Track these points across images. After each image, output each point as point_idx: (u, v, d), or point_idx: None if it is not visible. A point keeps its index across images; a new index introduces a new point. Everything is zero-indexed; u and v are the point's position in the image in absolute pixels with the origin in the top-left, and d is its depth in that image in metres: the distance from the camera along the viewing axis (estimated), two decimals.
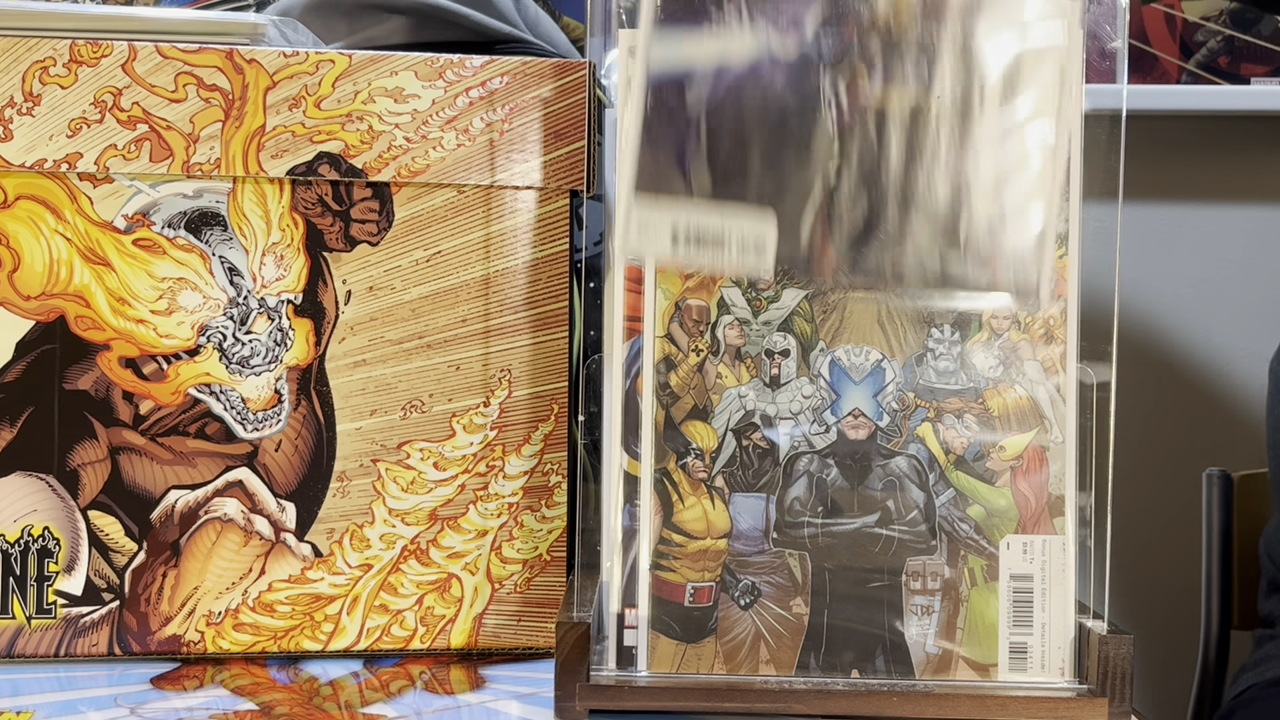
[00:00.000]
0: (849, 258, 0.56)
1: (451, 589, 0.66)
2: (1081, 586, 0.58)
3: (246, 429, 0.64)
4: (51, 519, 0.63)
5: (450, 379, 0.65)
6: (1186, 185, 1.51)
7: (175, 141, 0.63)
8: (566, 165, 0.65)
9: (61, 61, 0.62)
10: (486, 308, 0.65)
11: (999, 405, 0.58)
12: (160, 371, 0.64)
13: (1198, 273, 1.51)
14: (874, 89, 0.55)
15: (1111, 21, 0.58)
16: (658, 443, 0.59)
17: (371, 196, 0.64)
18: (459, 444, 0.65)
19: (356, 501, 0.65)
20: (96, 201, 0.63)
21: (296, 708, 0.58)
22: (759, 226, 0.55)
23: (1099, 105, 0.58)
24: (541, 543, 0.66)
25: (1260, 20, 1.47)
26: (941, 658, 0.58)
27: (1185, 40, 1.47)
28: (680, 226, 0.55)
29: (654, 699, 0.57)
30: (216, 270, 0.64)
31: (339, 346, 0.65)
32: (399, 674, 0.63)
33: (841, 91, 0.55)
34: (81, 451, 0.63)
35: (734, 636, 0.59)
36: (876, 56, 0.55)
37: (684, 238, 0.56)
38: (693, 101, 0.56)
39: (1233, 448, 1.49)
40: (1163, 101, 1.46)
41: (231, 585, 0.64)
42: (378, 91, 0.63)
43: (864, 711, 0.57)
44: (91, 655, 0.64)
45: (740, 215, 0.55)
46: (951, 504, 0.59)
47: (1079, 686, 0.57)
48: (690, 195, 0.56)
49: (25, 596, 0.63)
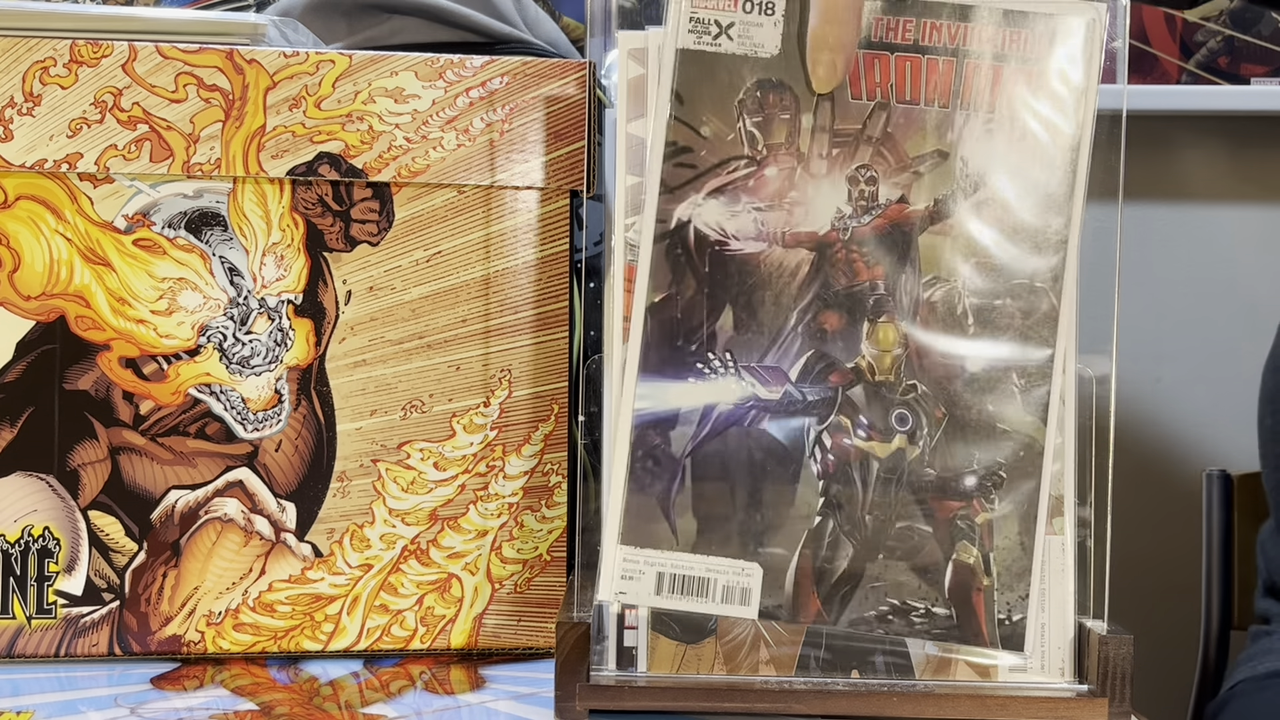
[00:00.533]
0: (832, 606, 0.57)
1: (451, 589, 0.66)
2: (1081, 587, 0.58)
3: (247, 429, 0.64)
4: (52, 519, 0.63)
5: (450, 379, 0.65)
6: (1186, 185, 1.51)
7: (175, 141, 0.63)
8: (566, 165, 0.65)
9: (62, 61, 0.62)
10: (486, 308, 0.65)
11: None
12: (160, 371, 0.64)
13: (1198, 273, 1.51)
14: (858, 437, 0.57)
15: (1112, 22, 0.58)
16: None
17: (372, 197, 0.64)
18: (459, 444, 0.65)
19: (357, 501, 0.65)
20: (97, 202, 0.63)
21: (296, 708, 0.58)
22: (743, 578, 0.57)
23: (1099, 105, 0.58)
24: (541, 543, 0.66)
25: (1260, 20, 1.47)
26: (941, 658, 0.58)
27: (1185, 40, 1.47)
28: (665, 576, 0.57)
29: (654, 699, 0.57)
30: (217, 270, 0.64)
31: (339, 346, 0.65)
32: (399, 674, 0.63)
33: (826, 440, 0.57)
34: (82, 451, 0.63)
35: (734, 636, 0.59)
36: (861, 406, 0.57)
37: (668, 588, 0.57)
38: (678, 446, 0.57)
39: (1233, 448, 1.49)
40: (1163, 101, 1.45)
41: (232, 585, 0.64)
42: (378, 91, 0.63)
43: (864, 711, 0.57)
44: (91, 655, 0.64)
45: (724, 566, 0.57)
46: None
47: (1079, 687, 0.57)
48: (675, 545, 0.57)
49: (25, 596, 0.63)
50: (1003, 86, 0.57)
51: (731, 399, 0.57)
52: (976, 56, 0.57)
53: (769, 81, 0.57)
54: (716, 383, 0.57)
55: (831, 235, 0.57)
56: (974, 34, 0.57)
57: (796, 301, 0.57)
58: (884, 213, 0.57)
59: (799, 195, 0.57)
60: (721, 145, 0.57)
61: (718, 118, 0.57)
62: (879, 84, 0.57)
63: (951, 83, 0.57)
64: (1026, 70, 0.57)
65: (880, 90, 0.57)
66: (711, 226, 0.57)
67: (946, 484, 0.57)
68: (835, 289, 0.57)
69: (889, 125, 0.57)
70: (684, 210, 0.58)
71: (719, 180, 0.57)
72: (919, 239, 0.57)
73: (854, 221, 0.57)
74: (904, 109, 0.57)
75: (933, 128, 0.57)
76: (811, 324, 0.57)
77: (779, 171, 0.57)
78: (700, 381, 0.57)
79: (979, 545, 0.57)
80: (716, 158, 0.58)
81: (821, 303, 0.57)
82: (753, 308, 0.57)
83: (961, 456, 0.57)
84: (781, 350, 0.57)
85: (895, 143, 0.57)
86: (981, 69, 0.57)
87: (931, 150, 0.57)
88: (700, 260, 0.57)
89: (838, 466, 0.57)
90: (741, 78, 0.57)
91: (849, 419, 0.57)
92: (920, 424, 0.57)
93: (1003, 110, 0.57)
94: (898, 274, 0.57)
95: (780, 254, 0.57)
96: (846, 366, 0.57)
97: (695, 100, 0.57)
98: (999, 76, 0.57)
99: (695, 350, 0.57)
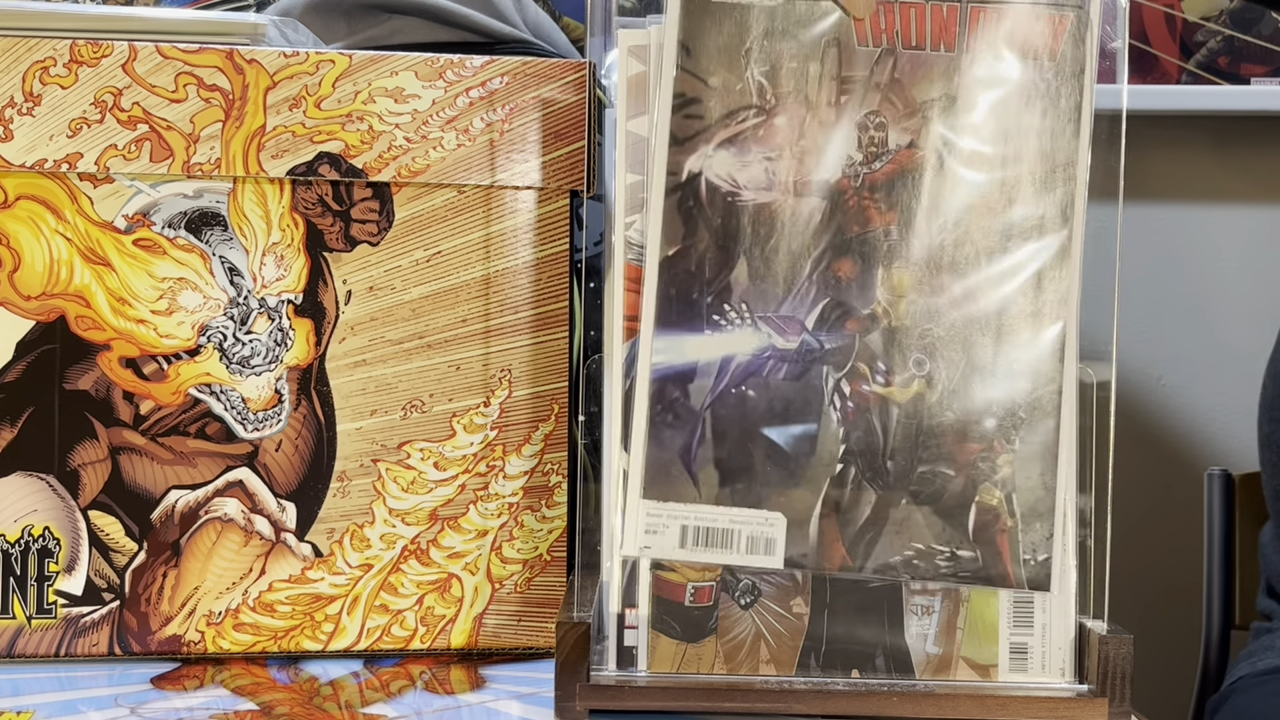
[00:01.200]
0: (857, 553, 0.57)
1: (452, 589, 0.66)
2: (1081, 587, 0.58)
3: (247, 429, 0.64)
4: (52, 519, 0.63)
5: (450, 379, 0.65)
6: (1186, 185, 1.51)
7: (175, 141, 0.63)
8: (566, 165, 0.65)
9: (62, 61, 0.62)
10: (486, 308, 0.65)
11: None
12: (160, 371, 0.64)
13: (1198, 273, 1.51)
14: (876, 383, 0.57)
15: (1112, 22, 0.58)
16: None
17: (372, 196, 0.64)
18: (459, 444, 0.65)
19: (357, 501, 0.65)
20: (97, 201, 0.63)
21: (296, 708, 0.58)
22: (766, 528, 0.56)
23: (1099, 105, 0.58)
24: (541, 543, 0.66)
25: (1260, 20, 1.47)
26: (941, 658, 0.58)
27: (1185, 40, 1.47)
28: (689, 529, 0.57)
29: (654, 699, 0.57)
30: (217, 270, 0.64)
31: (339, 346, 0.65)
32: (399, 674, 0.63)
33: (845, 387, 0.57)
34: (82, 451, 0.63)
35: (734, 636, 0.59)
36: (878, 352, 0.57)
37: (692, 540, 0.57)
38: (697, 399, 0.57)
39: (1234, 447, 1.49)
40: (1163, 101, 1.45)
41: (232, 585, 0.64)
42: (378, 91, 0.63)
43: (864, 711, 0.57)
44: (92, 655, 0.64)
45: (747, 516, 0.57)
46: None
47: (1079, 687, 0.57)
48: (698, 498, 0.57)
49: (25, 596, 0.63)
50: (1008, 29, 0.57)
51: (749, 350, 0.57)
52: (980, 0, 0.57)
53: (775, 29, 0.57)
54: (733, 334, 0.57)
55: (843, 183, 0.57)
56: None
57: (810, 250, 0.57)
58: (894, 158, 0.57)
59: (809, 144, 0.57)
60: (730, 95, 0.57)
61: (725, 68, 0.57)
62: (884, 30, 0.57)
63: (957, 26, 0.57)
64: (1032, 11, 0.57)
65: (886, 36, 0.57)
66: (722, 178, 0.57)
67: (967, 426, 0.57)
68: (848, 236, 0.57)
69: (896, 71, 0.57)
70: (694, 162, 0.58)
71: (728, 131, 0.57)
72: (930, 183, 0.57)
73: (864, 168, 0.57)
74: (910, 54, 0.57)
75: (940, 72, 0.57)
76: (826, 272, 0.57)
77: (788, 120, 0.57)
78: (716, 333, 0.57)
79: (1001, 486, 0.57)
80: (725, 108, 0.58)
81: (835, 250, 0.57)
82: (766, 258, 0.57)
83: (980, 399, 0.57)
84: (797, 299, 0.57)
85: (903, 88, 0.57)
86: (985, 11, 0.57)
87: (939, 95, 0.57)
88: (712, 212, 0.57)
89: (857, 413, 0.57)
90: (748, 27, 0.57)
91: (867, 365, 0.57)
92: (938, 368, 0.57)
93: (1008, 53, 0.57)
94: (910, 219, 0.57)
95: (792, 203, 0.57)
96: (862, 313, 0.57)
97: (702, 51, 0.57)
98: (1004, 18, 0.57)
99: (711, 302, 0.57)
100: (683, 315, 0.57)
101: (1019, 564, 0.57)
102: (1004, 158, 0.57)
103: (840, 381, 0.57)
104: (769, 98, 0.57)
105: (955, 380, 0.57)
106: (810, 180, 0.57)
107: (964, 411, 0.57)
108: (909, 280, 0.57)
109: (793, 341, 0.57)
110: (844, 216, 0.57)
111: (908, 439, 0.57)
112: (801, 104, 0.57)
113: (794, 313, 0.57)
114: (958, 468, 0.57)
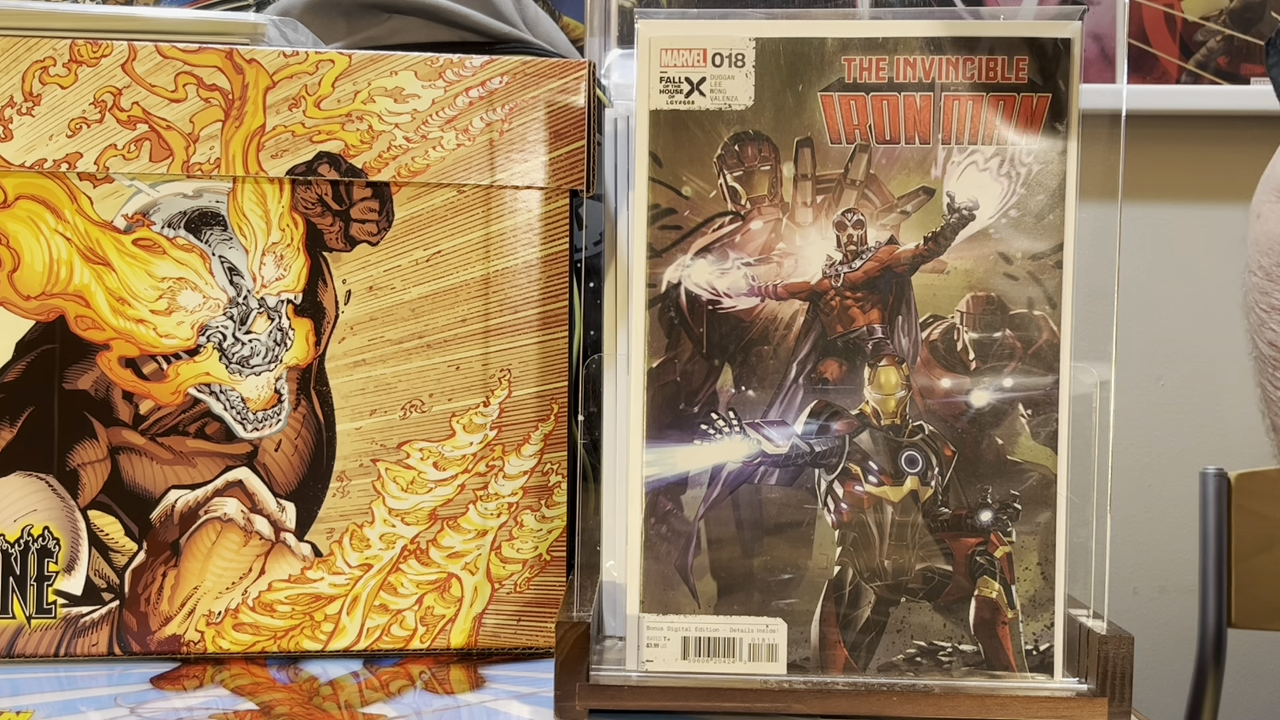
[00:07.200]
0: (860, 654, 0.57)
1: (451, 589, 0.66)
2: (1081, 586, 0.58)
3: (246, 429, 0.64)
4: (51, 519, 0.63)
5: (450, 379, 0.65)
6: (1186, 185, 1.51)
7: (175, 141, 0.63)
8: (566, 165, 0.65)
9: (61, 61, 0.62)
10: (486, 308, 0.65)
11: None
12: (160, 371, 0.64)
13: (1198, 273, 1.51)
14: (869, 483, 0.57)
15: (1112, 21, 0.58)
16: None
17: (371, 196, 0.64)
18: (459, 444, 0.65)
19: (356, 501, 0.65)
20: (96, 201, 0.63)
21: (296, 708, 0.58)
22: (768, 634, 0.57)
23: (1099, 105, 0.58)
24: (541, 543, 0.66)
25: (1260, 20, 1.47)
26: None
27: (1185, 40, 1.47)
28: (690, 640, 0.58)
29: (654, 699, 0.57)
30: (216, 270, 0.64)
31: (339, 346, 0.65)
32: (399, 674, 0.63)
33: (838, 489, 0.57)
34: (81, 451, 0.63)
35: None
36: (870, 452, 0.57)
37: (695, 651, 0.58)
38: (690, 510, 0.57)
39: (1232, 447, 1.49)
40: (1163, 101, 1.46)
41: (231, 585, 0.64)
42: (378, 91, 0.63)
43: (864, 711, 0.57)
44: (91, 655, 0.64)
45: (748, 624, 0.57)
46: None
47: (1079, 686, 0.57)
48: (697, 608, 0.58)
49: (25, 596, 0.63)
50: (983, 115, 0.57)
51: (739, 457, 0.57)
52: (953, 88, 0.57)
53: (746, 134, 0.57)
54: (723, 443, 0.57)
55: (824, 284, 0.57)
56: (948, 66, 0.57)
57: (795, 353, 0.57)
58: (874, 255, 0.57)
59: (787, 246, 0.57)
60: (704, 203, 0.58)
61: (697, 176, 0.57)
62: (857, 125, 0.57)
63: (930, 117, 0.57)
64: (1006, 96, 0.57)
65: (859, 132, 0.57)
66: (702, 286, 0.57)
67: (962, 521, 0.57)
68: (832, 337, 0.57)
69: (871, 166, 0.57)
70: (673, 273, 0.58)
71: (705, 239, 0.57)
72: (913, 279, 0.57)
73: (845, 267, 0.57)
74: (885, 149, 0.57)
75: (916, 165, 0.57)
76: (812, 374, 0.57)
77: (765, 224, 0.57)
78: (706, 443, 0.57)
79: (1000, 579, 0.57)
80: (700, 216, 0.58)
81: (820, 352, 0.57)
82: (751, 364, 0.57)
83: (975, 492, 0.57)
84: (785, 403, 0.57)
85: (879, 184, 0.57)
86: (959, 100, 0.57)
87: (917, 188, 0.57)
88: (694, 321, 0.57)
89: (852, 515, 0.57)
90: (718, 133, 0.57)
91: (859, 466, 0.57)
92: (930, 464, 0.57)
93: (985, 139, 0.57)
94: (894, 316, 0.57)
95: (774, 307, 0.57)
96: (851, 414, 0.57)
97: (673, 161, 0.57)
98: (978, 106, 0.57)
99: (698, 412, 0.57)
100: (671, 426, 0.58)
101: (1021, 654, 0.57)
102: (989, 249, 0.57)
103: (833, 484, 0.57)
104: (743, 202, 0.57)
105: (949, 476, 0.57)
106: (791, 283, 0.57)
107: (959, 506, 0.57)
108: (896, 379, 0.57)
109: (782, 447, 0.57)
110: (827, 317, 0.57)
111: (903, 537, 0.57)
112: (777, 207, 0.57)
113: (782, 417, 0.57)
114: (955, 563, 0.57)
